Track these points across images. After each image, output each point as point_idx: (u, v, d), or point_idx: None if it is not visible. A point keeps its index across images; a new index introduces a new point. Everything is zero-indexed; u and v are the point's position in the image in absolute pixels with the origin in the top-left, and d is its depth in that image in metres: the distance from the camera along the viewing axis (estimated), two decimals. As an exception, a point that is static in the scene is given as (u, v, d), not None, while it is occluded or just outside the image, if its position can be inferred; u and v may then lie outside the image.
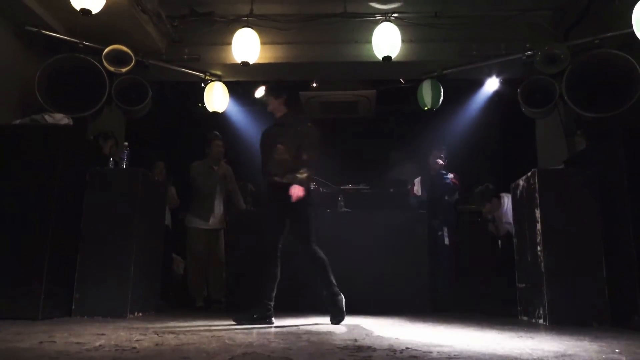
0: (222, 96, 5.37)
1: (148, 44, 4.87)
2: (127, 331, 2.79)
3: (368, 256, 4.63)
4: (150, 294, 4.28)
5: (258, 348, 2.21)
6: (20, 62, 4.39)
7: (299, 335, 2.71)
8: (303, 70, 5.43)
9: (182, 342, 2.37)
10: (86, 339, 2.44)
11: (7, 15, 4.15)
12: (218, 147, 5.14)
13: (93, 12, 3.84)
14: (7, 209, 3.55)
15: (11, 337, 2.47)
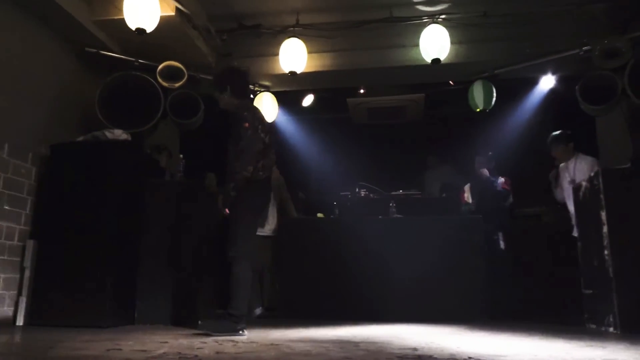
0: (271, 106, 5.44)
1: (199, 58, 5.01)
2: (188, 339, 2.85)
3: (421, 263, 4.55)
4: (211, 304, 4.36)
5: (316, 357, 2.20)
6: (82, 82, 4.62)
7: (357, 344, 2.68)
8: (350, 77, 5.42)
9: (241, 351, 2.39)
10: (150, 346, 2.51)
11: (70, 39, 4.38)
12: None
13: (147, 30, 3.99)
14: (72, 222, 3.73)
15: (80, 345, 2.58)
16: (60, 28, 4.24)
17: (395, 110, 6.55)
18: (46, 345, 2.59)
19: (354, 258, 4.66)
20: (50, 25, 4.18)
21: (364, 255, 4.64)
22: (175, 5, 4.28)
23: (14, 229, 3.76)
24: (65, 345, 2.58)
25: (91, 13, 4.31)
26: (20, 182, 3.84)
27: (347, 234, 4.78)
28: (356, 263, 4.64)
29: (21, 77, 3.88)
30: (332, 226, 5.01)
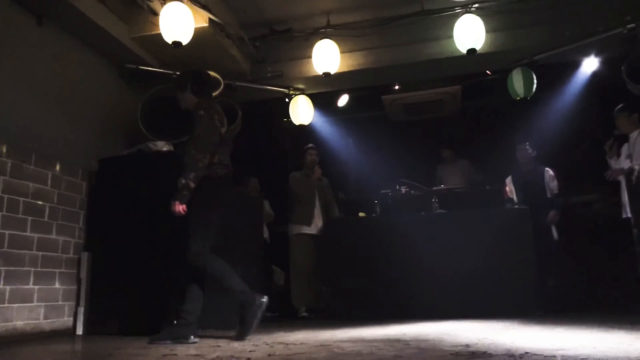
0: (306, 109, 5.47)
1: (233, 66, 5.09)
2: (240, 342, 2.90)
3: (468, 257, 4.47)
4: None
5: (368, 356, 2.19)
6: (125, 98, 4.78)
7: (407, 342, 2.65)
8: (384, 74, 5.38)
9: (293, 352, 2.41)
10: (203, 350, 2.57)
11: (110, 57, 4.55)
12: (312, 155, 5.48)
13: (183, 43, 4.09)
14: (123, 233, 3.86)
15: (137, 352, 2.67)
16: (103, 49, 4.41)
17: (431, 104, 6.46)
18: (105, 353, 2.70)
19: (399, 255, 4.62)
20: (94, 47, 4.36)
21: (409, 252, 4.60)
22: (208, 16, 4.37)
23: (69, 242, 3.93)
24: (123, 353, 2.67)
25: (130, 31, 4.45)
26: (73, 197, 4.01)
27: (391, 232, 4.75)
28: (401, 260, 4.61)
29: (70, 98, 4.06)
30: (374, 225, 4.99)
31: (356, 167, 6.75)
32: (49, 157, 3.79)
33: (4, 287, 3.33)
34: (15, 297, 3.41)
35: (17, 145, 3.51)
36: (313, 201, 5.36)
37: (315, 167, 5.45)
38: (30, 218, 3.58)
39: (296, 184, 5.40)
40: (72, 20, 3.94)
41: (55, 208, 3.81)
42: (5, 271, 3.34)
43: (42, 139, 3.74)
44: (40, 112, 3.75)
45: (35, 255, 3.60)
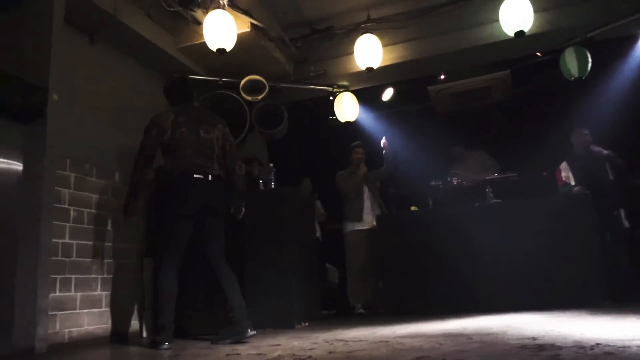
0: (351, 105, 5.46)
1: (277, 69, 5.15)
2: (300, 341, 2.93)
3: (528, 247, 4.31)
4: (313, 304, 4.47)
5: (430, 352, 2.16)
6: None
7: (469, 337, 2.59)
8: (429, 65, 5.28)
9: (353, 349, 2.41)
10: (265, 350, 2.61)
11: (159, 69, 4.70)
12: (357, 154, 5.49)
13: (227, 49, 4.17)
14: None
15: (201, 352, 2.75)
16: (151, 61, 4.57)
17: (479, 92, 6.28)
18: (172, 354, 2.79)
19: (454, 248, 4.53)
20: (143, 60, 4.52)
21: (465, 244, 4.49)
22: (250, 21, 4.44)
23: (131, 248, 4.10)
24: (188, 353, 2.76)
25: (176, 42, 4.59)
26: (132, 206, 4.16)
27: (444, 224, 4.66)
28: (457, 253, 4.51)
29: (124, 111, 4.22)
30: (427, 218, 4.91)
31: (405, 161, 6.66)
32: (108, 169, 3.96)
33: (75, 294, 3.51)
34: (85, 303, 3.59)
35: (79, 159, 3.69)
36: (362, 197, 5.37)
37: (360, 165, 5.45)
38: (95, 228, 3.76)
39: (343, 182, 5.43)
40: (121, 36, 4.10)
41: (116, 217, 3.98)
42: (75, 279, 3.52)
43: (100, 152, 3.91)
44: (97, 126, 3.93)
45: (101, 263, 3.77)
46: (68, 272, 3.47)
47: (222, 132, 3.53)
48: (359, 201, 5.37)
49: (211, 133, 3.47)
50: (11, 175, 3.31)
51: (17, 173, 3.34)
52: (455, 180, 5.36)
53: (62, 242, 3.45)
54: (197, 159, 3.34)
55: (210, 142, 3.43)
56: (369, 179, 5.49)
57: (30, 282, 3.13)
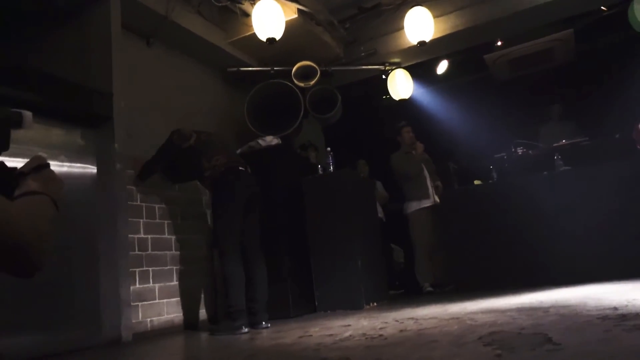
0: (405, 82, 5.36)
1: (327, 52, 5.14)
2: (369, 320, 2.95)
3: (603, 215, 4.08)
4: (380, 285, 4.48)
5: (504, 326, 2.11)
6: (231, 101, 5.06)
7: (546, 310, 2.50)
8: (483, 32, 5.07)
9: (424, 327, 2.40)
10: (336, 330, 2.66)
11: (213, 65, 4.83)
12: (407, 133, 5.40)
13: (277, 38, 4.20)
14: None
15: (275, 335, 2.83)
16: (205, 57, 4.70)
17: (540, 55, 5.96)
18: (247, 337, 2.90)
19: (523, 220, 4.36)
20: (198, 57, 4.66)
21: (534, 215, 4.32)
22: (296, 7, 4.44)
23: (201, 240, 4.27)
24: (262, 336, 2.86)
25: (227, 37, 4.68)
26: (198, 199, 4.34)
27: (511, 196, 4.50)
28: (526, 225, 4.35)
29: (184, 108, 4.37)
30: (493, 191, 4.77)
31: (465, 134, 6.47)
32: (174, 165, 4.12)
33: (154, 285, 3.72)
34: (163, 293, 3.79)
35: (145, 158, 3.87)
36: (423, 175, 5.28)
37: (417, 143, 5.35)
38: (167, 222, 3.95)
39: (400, 163, 5.34)
40: (175, 36, 4.24)
41: (185, 210, 4.15)
42: (152, 271, 3.72)
43: (165, 149, 4.07)
44: (159, 125, 4.09)
45: (175, 254, 3.96)
46: (145, 264, 3.67)
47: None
48: (421, 180, 5.27)
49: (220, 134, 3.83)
50: (87, 178, 3.53)
51: (93, 176, 3.56)
52: (520, 150, 5.14)
53: (137, 237, 3.65)
54: (231, 155, 3.63)
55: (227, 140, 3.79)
56: (424, 156, 5.38)
57: (112, 276, 3.35)
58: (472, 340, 1.84)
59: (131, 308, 3.43)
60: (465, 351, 1.69)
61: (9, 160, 2.94)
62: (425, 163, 5.37)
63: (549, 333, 1.79)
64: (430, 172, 5.35)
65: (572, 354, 1.45)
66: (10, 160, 3.04)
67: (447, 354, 1.69)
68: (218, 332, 3.24)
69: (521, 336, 1.83)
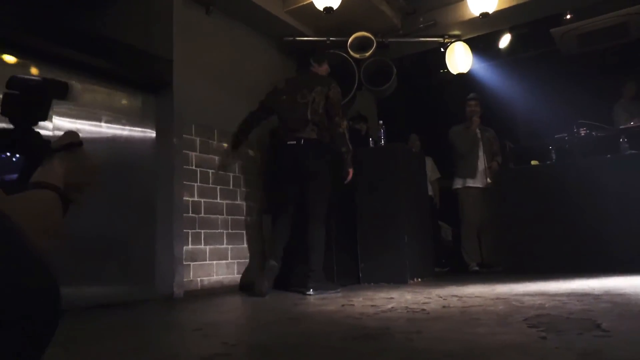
0: (464, 56, 5.17)
1: (384, 23, 5.02)
2: (413, 295, 2.96)
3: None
4: (426, 261, 4.45)
5: (552, 310, 2.07)
6: (286, 71, 5.06)
7: (597, 297, 2.42)
8: (551, 4, 4.78)
9: (468, 305, 2.39)
10: (379, 302, 2.69)
11: (269, 33, 4.84)
12: (470, 107, 5.28)
13: (334, 8, 4.16)
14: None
15: (319, 302, 2.90)
16: (262, 26, 4.71)
17: (613, 29, 5.56)
18: (291, 303, 2.99)
19: (581, 204, 4.19)
20: (255, 26, 4.67)
21: (593, 200, 4.14)
22: (355, -25, 4.35)
23: (252, 206, 4.38)
24: (306, 303, 2.93)
25: (284, 5, 4.66)
26: (251, 167, 4.43)
27: (570, 179, 4.32)
28: (584, 209, 4.17)
29: (239, 77, 4.44)
30: (550, 172, 4.59)
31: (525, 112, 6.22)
32: (228, 133, 4.21)
33: (205, 247, 3.87)
34: (214, 254, 3.95)
35: (202, 124, 3.98)
36: (476, 153, 5.15)
37: (473, 118, 5.19)
38: (219, 187, 4.07)
39: (456, 137, 5.25)
40: (233, 3, 4.27)
41: (237, 177, 4.26)
42: (204, 233, 3.87)
43: (221, 117, 4.17)
44: (216, 92, 4.18)
45: (225, 219, 4.10)
46: (198, 227, 3.82)
47: (321, 94, 3.60)
48: (473, 158, 5.15)
49: (307, 97, 3.59)
50: (146, 142, 3.69)
51: (152, 140, 3.71)
52: (582, 131, 4.89)
53: (192, 200, 3.79)
54: (292, 123, 3.57)
55: (304, 106, 3.57)
56: (484, 135, 5.22)
57: (167, 235, 3.52)
58: (517, 321, 1.82)
59: (183, 267, 3.60)
60: (509, 330, 1.67)
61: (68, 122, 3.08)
62: (485, 141, 5.21)
63: (598, 319, 1.74)
64: (487, 152, 5.19)
65: (620, 340, 1.40)
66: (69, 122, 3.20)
67: (490, 332, 1.68)
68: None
69: (569, 320, 1.79)
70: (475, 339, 1.58)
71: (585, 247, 4.11)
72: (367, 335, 1.75)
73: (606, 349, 1.31)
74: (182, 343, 1.89)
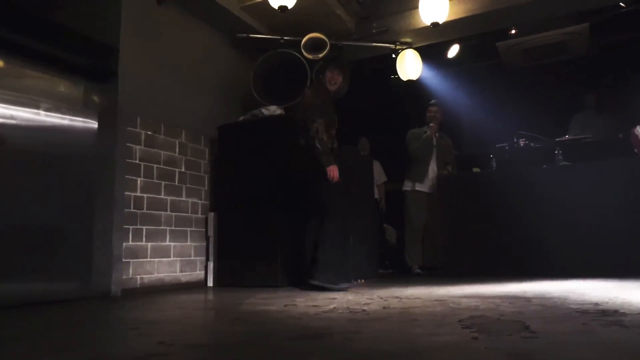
0: (414, 63, 5.29)
1: (339, 26, 5.06)
2: (355, 296, 3.00)
3: (597, 212, 4.10)
4: (370, 262, 4.52)
5: (486, 312, 2.15)
6: (238, 67, 5.02)
7: (528, 300, 2.55)
8: (498, 19, 4.98)
9: (408, 306, 2.44)
10: (321, 302, 2.70)
11: (223, 29, 4.77)
12: (430, 112, 5.37)
13: (289, 7, 4.14)
14: (243, 194, 4.13)
15: (262, 302, 2.88)
16: (216, 21, 4.64)
17: (554, 47, 5.88)
18: (234, 302, 2.95)
19: (518, 211, 4.39)
20: (208, 20, 4.59)
21: (529, 207, 4.34)
22: (311, -24, 4.36)
23: (197, 203, 4.30)
24: (249, 302, 2.91)
25: (239, 1, 4.61)
26: (197, 162, 4.35)
27: (508, 187, 4.52)
28: (520, 217, 4.37)
29: (190, 71, 4.35)
30: (490, 180, 4.77)
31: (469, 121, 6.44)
32: (176, 126, 4.13)
33: (146, 243, 3.76)
34: (156, 252, 3.84)
35: (149, 117, 3.87)
36: (429, 158, 5.25)
37: (431, 124, 5.30)
38: (164, 183, 3.97)
39: (412, 140, 5.33)
40: (187, -4, 4.18)
41: (183, 173, 4.17)
42: (146, 230, 3.76)
43: (168, 111, 4.07)
44: (165, 85, 4.08)
45: (169, 215, 4.00)
46: (140, 223, 3.71)
47: (299, 104, 3.84)
48: (424, 163, 5.24)
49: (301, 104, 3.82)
50: (88, 132, 3.54)
51: (94, 130, 3.57)
52: (522, 141, 5.13)
53: (134, 195, 3.68)
54: (299, 131, 3.74)
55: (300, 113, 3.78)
56: (440, 143, 5.33)
57: (106, 231, 3.39)
58: (453, 322, 1.88)
59: (122, 264, 3.48)
60: (444, 331, 1.72)
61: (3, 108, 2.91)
62: (440, 149, 5.30)
63: (527, 321, 1.82)
64: (440, 159, 5.27)
65: (546, 342, 1.48)
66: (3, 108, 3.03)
67: (427, 332, 1.73)
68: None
69: (500, 322, 1.87)
70: (412, 339, 1.62)
71: (521, 252, 4.31)
72: (307, 336, 1.76)
73: (532, 350, 1.38)
74: (116, 342, 1.82)
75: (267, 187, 4.05)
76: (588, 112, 5.78)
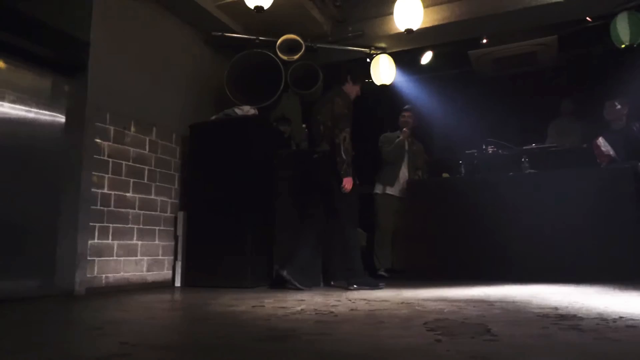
0: (388, 68, 5.35)
1: (315, 28, 5.08)
2: (323, 298, 3.02)
3: (560, 219, 4.22)
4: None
5: (450, 315, 2.19)
6: (212, 65, 4.97)
7: (491, 303, 2.61)
8: (471, 28, 5.09)
9: (375, 308, 2.47)
10: (289, 304, 2.71)
11: (197, 27, 4.72)
12: (403, 117, 5.41)
13: (265, 7, 4.12)
14: (214, 194, 4.10)
15: (230, 302, 2.87)
16: (191, 19, 4.59)
17: (523, 57, 6.03)
18: (202, 303, 2.93)
19: (485, 217, 4.48)
20: (182, 17, 4.54)
21: (495, 213, 4.44)
22: (288, -23, 4.37)
23: (166, 202, 4.24)
24: (217, 303, 2.89)
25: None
26: (168, 160, 4.30)
27: (476, 193, 4.61)
28: (487, 222, 4.46)
29: (163, 68, 4.29)
30: (459, 186, 4.86)
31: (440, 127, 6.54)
32: (146, 123, 4.06)
33: (113, 242, 3.69)
34: (122, 250, 3.78)
35: (119, 113, 3.80)
36: (400, 163, 5.30)
37: (404, 129, 5.34)
38: (132, 180, 3.91)
39: (384, 144, 5.36)
40: (161, -9, 4.12)
41: (153, 171, 4.11)
42: (112, 228, 3.69)
43: (140, 107, 4.01)
44: (136, 81, 4.01)
45: (137, 213, 3.93)
46: (106, 221, 3.64)
47: (327, 110, 3.94)
48: (395, 167, 5.28)
49: (320, 113, 3.97)
50: (55, 127, 3.46)
51: (61, 125, 3.48)
52: (490, 148, 5.24)
53: (101, 192, 3.60)
54: (314, 141, 3.93)
55: (318, 123, 3.95)
56: (412, 148, 5.38)
57: (71, 228, 3.32)
58: (418, 325, 1.91)
59: (87, 262, 3.41)
60: (409, 333, 1.75)
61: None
62: (411, 154, 5.35)
63: (489, 325, 1.87)
64: (411, 164, 5.32)
65: (506, 344, 1.52)
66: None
67: (392, 334, 1.75)
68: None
69: (463, 325, 1.91)
70: (378, 342, 1.64)
71: (487, 257, 4.40)
72: (273, 337, 1.76)
73: (492, 353, 1.42)
74: (77, 342, 1.78)
75: (238, 187, 4.02)
76: (565, 119, 5.94)
